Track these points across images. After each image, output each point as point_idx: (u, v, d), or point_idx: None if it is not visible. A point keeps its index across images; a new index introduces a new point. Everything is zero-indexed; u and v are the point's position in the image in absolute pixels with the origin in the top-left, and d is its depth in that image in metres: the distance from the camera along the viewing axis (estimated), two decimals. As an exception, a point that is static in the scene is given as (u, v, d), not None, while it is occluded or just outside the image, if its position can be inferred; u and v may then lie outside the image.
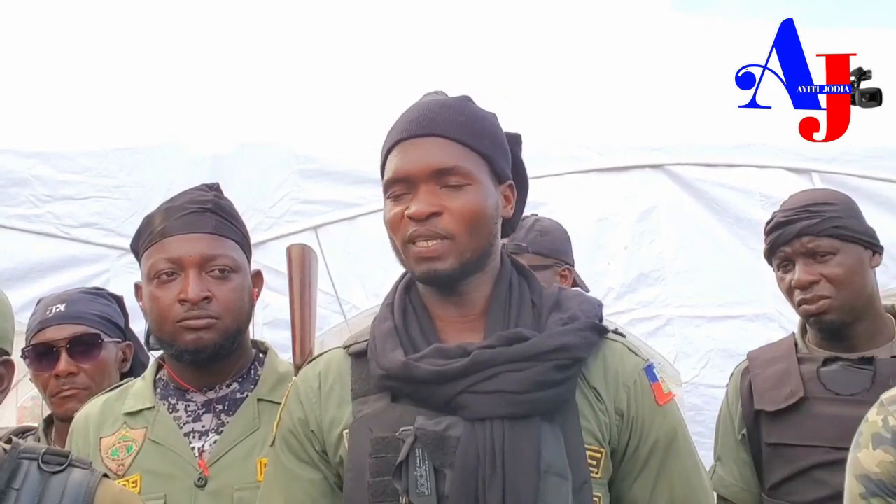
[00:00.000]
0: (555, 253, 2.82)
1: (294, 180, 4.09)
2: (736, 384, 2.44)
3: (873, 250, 2.34)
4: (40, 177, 3.96)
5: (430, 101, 1.65)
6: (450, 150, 1.56)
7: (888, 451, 1.58)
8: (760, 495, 2.37)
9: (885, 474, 1.58)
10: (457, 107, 1.62)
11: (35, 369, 2.38)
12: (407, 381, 1.53)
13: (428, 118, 1.59)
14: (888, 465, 1.58)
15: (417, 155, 1.57)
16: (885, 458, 1.59)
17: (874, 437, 1.61)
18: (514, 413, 1.48)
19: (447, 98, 1.65)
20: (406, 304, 1.63)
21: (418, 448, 1.47)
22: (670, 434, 1.62)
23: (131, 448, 1.93)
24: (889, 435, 1.59)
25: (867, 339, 2.30)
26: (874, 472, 1.59)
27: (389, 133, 1.64)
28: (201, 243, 1.94)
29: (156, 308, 1.93)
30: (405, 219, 1.55)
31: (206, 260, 1.93)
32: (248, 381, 2.01)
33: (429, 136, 1.58)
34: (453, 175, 1.55)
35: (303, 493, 1.63)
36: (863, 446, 1.63)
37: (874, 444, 1.61)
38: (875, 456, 1.60)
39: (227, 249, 1.96)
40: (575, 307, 1.61)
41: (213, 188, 2.05)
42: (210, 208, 1.98)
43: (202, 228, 1.95)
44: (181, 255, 1.92)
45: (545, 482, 1.46)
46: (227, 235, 1.98)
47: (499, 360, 1.50)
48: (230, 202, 2.06)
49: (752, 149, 4.22)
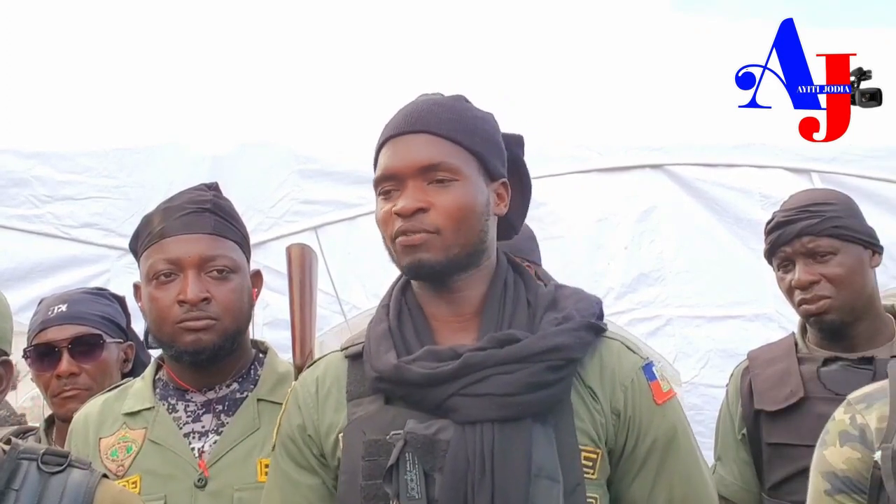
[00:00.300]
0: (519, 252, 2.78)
1: (294, 180, 4.08)
2: (736, 384, 2.44)
3: (873, 250, 2.34)
4: (40, 177, 3.95)
5: (422, 99, 1.65)
6: (437, 146, 1.57)
7: (855, 448, 1.59)
8: (760, 495, 2.37)
9: (852, 471, 1.59)
10: (448, 105, 1.62)
11: (36, 369, 2.38)
12: (399, 383, 1.52)
13: (417, 115, 1.60)
14: (855, 461, 1.59)
15: (405, 152, 1.57)
16: (852, 454, 1.60)
17: (841, 434, 1.62)
18: (505, 416, 1.48)
19: (440, 97, 1.66)
20: (401, 304, 1.63)
21: (408, 452, 1.47)
22: (669, 433, 1.61)
23: (131, 449, 1.93)
24: (856, 432, 1.60)
25: (867, 338, 2.30)
26: (841, 469, 1.60)
27: (382, 131, 1.64)
28: (200, 244, 1.93)
29: (155, 309, 1.93)
30: (393, 215, 1.55)
31: (204, 260, 1.92)
32: (248, 382, 2.01)
33: (417, 132, 1.58)
34: (440, 171, 1.55)
35: (302, 498, 1.63)
36: (829, 444, 1.64)
37: (841, 442, 1.61)
38: (842, 453, 1.61)
39: (226, 250, 1.96)
40: (571, 306, 1.60)
41: (212, 188, 2.04)
42: (209, 208, 1.97)
43: (201, 229, 1.94)
44: (180, 256, 1.91)
45: (535, 486, 1.45)
46: (226, 236, 1.98)
47: (490, 363, 1.50)
48: (229, 202, 2.06)
49: (751, 149, 4.21)
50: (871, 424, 1.60)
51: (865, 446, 1.59)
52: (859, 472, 1.59)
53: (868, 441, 1.59)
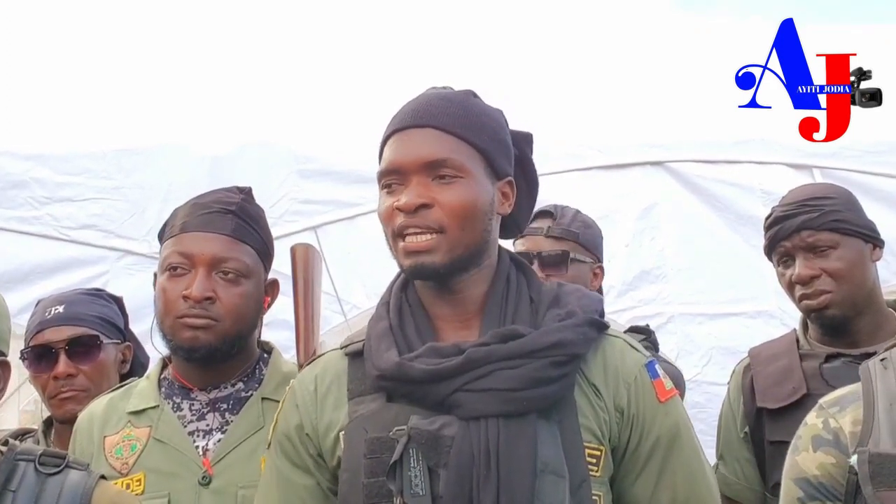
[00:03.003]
0: (595, 249, 2.74)
1: (293, 180, 4.09)
2: (737, 381, 2.43)
3: (873, 244, 2.33)
4: (39, 179, 3.96)
5: (430, 93, 1.64)
6: (443, 142, 1.55)
7: (829, 453, 1.58)
8: (763, 493, 2.36)
9: (825, 476, 1.58)
10: (456, 100, 1.61)
11: (34, 371, 2.37)
12: (401, 380, 1.51)
13: (424, 110, 1.58)
14: (829, 467, 1.58)
15: (410, 146, 1.56)
16: (825, 459, 1.58)
17: (814, 439, 1.61)
18: (509, 411, 1.47)
19: (449, 91, 1.64)
20: (402, 302, 1.62)
21: (412, 448, 1.45)
22: (672, 431, 1.60)
23: (135, 447, 1.93)
24: (830, 437, 1.59)
25: (869, 334, 2.29)
26: (814, 475, 1.59)
27: (388, 124, 1.62)
28: (215, 243, 1.94)
29: (162, 300, 1.95)
30: (395, 210, 1.54)
31: (217, 261, 1.93)
32: (253, 381, 2.02)
33: (423, 127, 1.56)
34: (445, 167, 1.53)
35: (297, 498, 1.62)
36: (801, 449, 1.62)
37: (814, 447, 1.60)
38: (815, 458, 1.59)
39: (240, 253, 1.96)
40: (573, 303, 1.59)
41: (244, 191, 2.05)
42: (233, 210, 1.98)
43: (220, 229, 1.96)
44: (193, 252, 1.93)
45: (541, 481, 1.44)
46: (244, 240, 1.98)
47: (493, 358, 1.49)
48: (259, 209, 2.06)
49: (752, 145, 4.22)
50: (845, 428, 1.58)
51: (840, 451, 1.57)
52: (833, 478, 1.57)
53: (842, 445, 1.57)
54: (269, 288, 2.05)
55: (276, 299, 2.09)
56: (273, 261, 2.10)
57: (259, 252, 2.01)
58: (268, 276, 2.06)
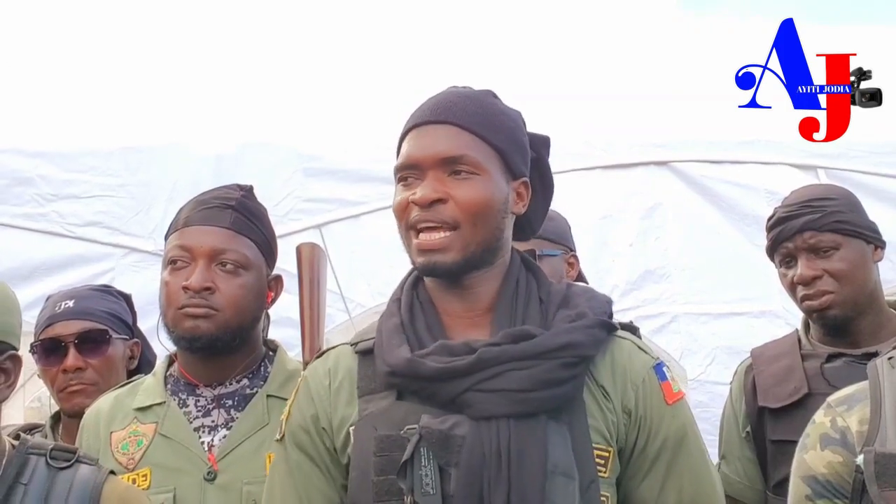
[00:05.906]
0: (562, 239, 2.73)
1: (298, 179, 4.09)
2: (740, 381, 2.44)
3: (875, 244, 2.33)
4: (45, 176, 3.98)
5: (450, 90, 1.64)
6: (461, 138, 1.56)
7: (836, 452, 1.59)
8: (765, 493, 2.36)
9: (833, 475, 1.59)
10: (475, 98, 1.62)
11: (43, 364, 2.39)
12: (412, 377, 1.51)
13: (443, 106, 1.59)
14: (837, 465, 1.58)
15: (428, 141, 1.57)
16: (833, 458, 1.59)
17: (822, 437, 1.61)
18: (520, 412, 1.47)
19: (469, 90, 1.65)
20: (413, 299, 1.62)
21: (423, 447, 1.46)
22: (679, 433, 1.61)
23: (141, 442, 1.95)
24: (837, 436, 1.60)
25: (871, 334, 2.29)
26: (822, 473, 1.59)
27: (408, 119, 1.63)
28: (214, 236, 1.97)
29: (164, 292, 1.98)
30: (410, 204, 1.55)
31: (216, 252, 1.96)
32: (258, 378, 2.03)
33: (442, 123, 1.58)
34: (461, 164, 1.54)
35: (314, 489, 1.61)
36: (809, 448, 1.63)
37: (822, 445, 1.61)
38: (823, 457, 1.60)
39: (239, 246, 1.99)
40: (583, 304, 1.60)
41: (245, 189, 2.09)
42: (232, 205, 2.02)
43: (219, 222, 1.99)
44: (193, 245, 1.97)
45: (552, 482, 1.45)
46: (243, 232, 2.00)
47: (504, 358, 1.49)
48: (259, 205, 2.09)
49: (756, 145, 4.21)
50: (853, 427, 1.59)
51: (847, 449, 1.58)
52: (840, 476, 1.58)
53: (849, 444, 1.58)
54: (272, 283, 2.07)
55: (279, 295, 2.10)
56: (276, 258, 2.11)
57: (259, 245, 2.03)
58: (271, 272, 2.08)
